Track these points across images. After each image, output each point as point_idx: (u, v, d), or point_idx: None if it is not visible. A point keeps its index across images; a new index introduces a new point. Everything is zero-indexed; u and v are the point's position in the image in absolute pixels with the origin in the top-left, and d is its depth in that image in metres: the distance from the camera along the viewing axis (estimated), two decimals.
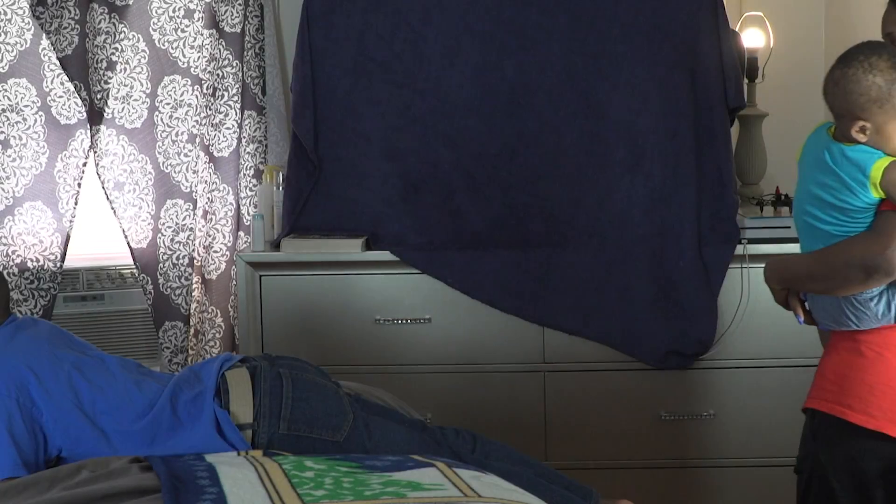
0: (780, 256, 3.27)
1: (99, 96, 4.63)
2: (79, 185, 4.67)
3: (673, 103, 4.61)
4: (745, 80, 4.72)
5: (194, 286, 4.76)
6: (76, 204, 4.67)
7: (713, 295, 4.51)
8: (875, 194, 2.83)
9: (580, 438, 4.56)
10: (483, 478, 2.58)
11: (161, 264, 4.72)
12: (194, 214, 4.75)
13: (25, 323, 3.11)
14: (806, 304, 3.04)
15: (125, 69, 4.67)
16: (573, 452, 4.55)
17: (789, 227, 4.46)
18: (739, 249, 4.50)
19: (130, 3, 4.64)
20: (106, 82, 4.64)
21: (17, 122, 4.60)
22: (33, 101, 4.62)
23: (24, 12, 4.57)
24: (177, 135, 4.72)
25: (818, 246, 2.95)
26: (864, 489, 2.95)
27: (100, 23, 4.61)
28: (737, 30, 4.76)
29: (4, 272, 4.59)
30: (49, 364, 2.97)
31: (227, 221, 4.81)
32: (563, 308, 4.51)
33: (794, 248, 4.40)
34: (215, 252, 4.81)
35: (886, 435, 2.88)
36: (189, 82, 4.72)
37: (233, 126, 4.78)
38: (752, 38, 4.80)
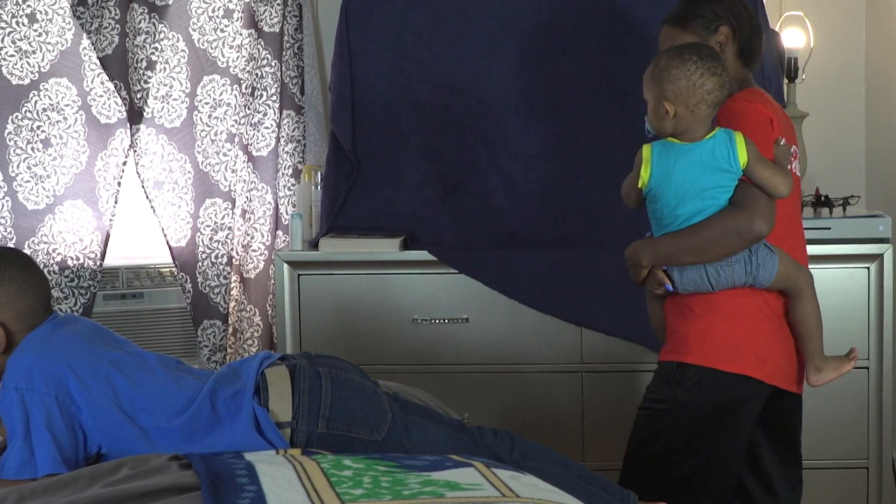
0: (643, 240, 3.48)
1: (139, 96, 4.65)
2: (119, 183, 4.69)
3: None
4: (785, 81, 4.70)
5: (233, 285, 4.77)
6: (116, 203, 4.69)
7: None
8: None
9: (617, 439, 4.54)
10: (521, 478, 2.58)
11: (200, 263, 4.74)
12: (233, 213, 4.76)
13: (66, 320, 3.12)
14: (670, 275, 3.40)
15: (165, 69, 4.69)
16: (610, 453, 4.53)
17: (829, 229, 4.45)
18: None
19: (170, 2, 4.66)
20: (146, 82, 4.66)
21: (57, 122, 4.63)
22: (74, 101, 4.64)
23: (65, 12, 4.59)
24: (216, 134, 4.74)
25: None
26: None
27: (140, 22, 4.63)
28: (777, 30, 4.74)
29: (45, 270, 4.61)
30: (88, 361, 2.98)
31: (266, 220, 4.83)
32: (601, 308, 4.50)
33: (834, 248, 4.41)
34: (254, 251, 4.83)
35: (753, 378, 3.41)
36: (228, 82, 4.73)
37: (271, 125, 4.79)
38: (793, 37, 4.78)
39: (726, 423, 3.45)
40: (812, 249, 4.44)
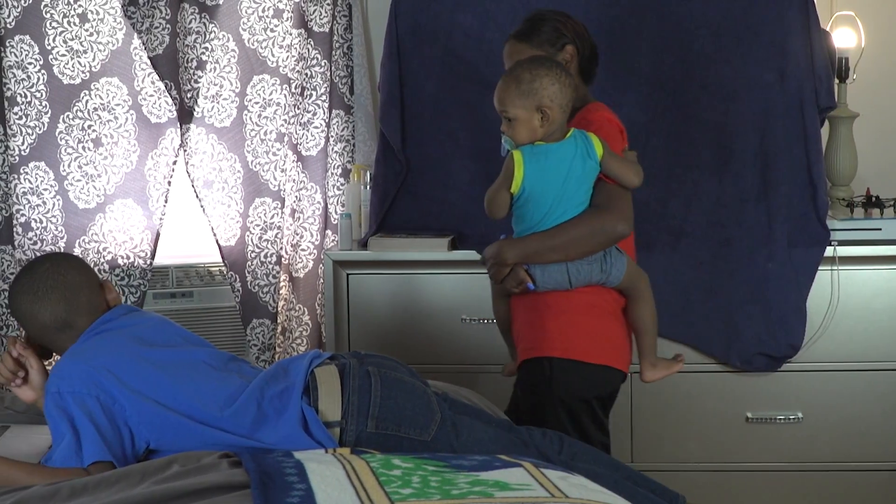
0: (506, 240, 3.56)
1: (189, 95, 4.67)
2: (169, 183, 4.71)
3: (762, 104, 4.58)
4: (836, 81, 4.67)
5: (282, 284, 4.78)
6: (166, 202, 4.71)
7: (802, 297, 4.47)
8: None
9: (666, 440, 4.54)
10: (570, 478, 2.57)
11: (249, 262, 4.75)
12: (282, 213, 4.77)
13: (113, 318, 3.14)
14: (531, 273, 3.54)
15: (215, 68, 4.70)
16: (659, 454, 4.53)
17: (880, 230, 4.42)
18: (829, 251, 4.46)
19: (221, 2, 4.67)
20: (196, 81, 4.68)
21: (108, 121, 4.65)
22: (124, 100, 4.66)
23: (116, 12, 4.62)
24: (265, 133, 4.75)
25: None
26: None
27: (190, 22, 4.65)
28: (827, 29, 4.71)
29: (96, 269, 4.64)
30: (128, 363, 3.00)
31: (315, 220, 4.84)
32: None
33: (885, 249, 4.39)
34: (303, 250, 4.84)
35: (616, 368, 3.62)
36: (278, 81, 4.74)
37: (321, 125, 4.80)
38: (843, 37, 4.74)
39: (597, 411, 3.62)
40: (862, 250, 4.44)
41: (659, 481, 3.22)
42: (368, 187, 4.67)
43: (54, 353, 3.22)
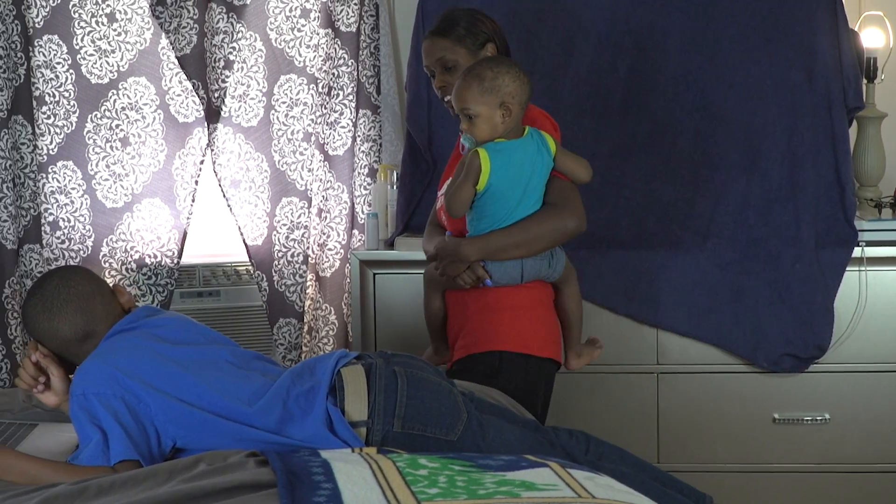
0: (465, 238, 3.61)
1: (216, 95, 4.68)
2: (196, 182, 4.72)
3: (790, 104, 4.57)
4: (864, 81, 4.65)
5: (308, 283, 4.79)
6: (193, 201, 4.72)
7: (830, 298, 4.45)
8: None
9: (693, 441, 4.53)
10: (597, 479, 2.56)
11: (276, 261, 4.76)
12: (309, 212, 4.78)
13: (135, 321, 3.15)
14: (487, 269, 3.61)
15: (242, 68, 4.71)
16: (686, 455, 4.52)
17: None
18: (857, 252, 4.44)
19: (248, 2, 4.68)
20: (223, 81, 4.69)
21: (136, 120, 4.67)
22: (152, 100, 4.68)
23: (144, 12, 4.63)
24: (292, 133, 4.76)
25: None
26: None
27: (218, 22, 4.66)
28: (856, 29, 4.69)
29: (123, 268, 4.66)
30: (151, 363, 3.00)
31: (342, 220, 4.84)
32: (677, 309, 4.48)
33: None
34: (329, 250, 4.85)
35: (556, 360, 3.75)
36: (305, 81, 4.75)
37: (347, 125, 4.80)
38: (872, 37, 4.73)
39: (538, 403, 3.70)
40: (891, 251, 4.44)
41: (685, 482, 3.21)
42: (395, 187, 4.67)
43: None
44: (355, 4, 4.76)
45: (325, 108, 4.77)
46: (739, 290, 4.49)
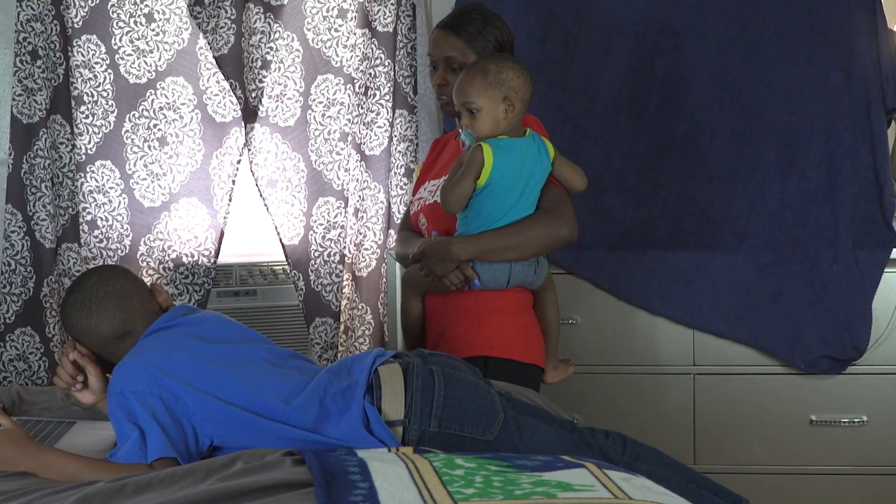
0: (456, 237, 3.60)
1: (253, 95, 4.69)
2: (233, 182, 4.73)
3: (828, 104, 4.56)
4: None
5: (345, 283, 4.80)
6: (230, 201, 4.73)
7: (867, 299, 4.44)
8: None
9: (730, 443, 4.52)
10: (633, 480, 2.56)
11: (312, 261, 4.77)
12: (346, 212, 4.79)
13: (172, 319, 3.16)
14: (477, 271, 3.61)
15: (279, 68, 4.72)
16: (722, 457, 4.51)
17: None
18: (895, 253, 4.43)
19: (285, 2, 4.69)
20: (260, 81, 4.70)
21: (173, 120, 4.68)
22: (190, 100, 4.69)
23: (182, 12, 4.65)
24: (329, 133, 4.76)
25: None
26: None
27: (255, 22, 4.67)
28: (895, 29, 4.67)
29: (160, 267, 4.67)
30: (188, 361, 3.01)
31: (378, 219, 4.84)
32: (713, 310, 4.47)
33: None
34: (366, 249, 4.85)
35: (538, 366, 3.75)
36: (342, 81, 4.76)
37: (384, 125, 4.81)
38: None
39: None
40: None
41: (722, 484, 3.20)
42: None
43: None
44: (392, 4, 4.76)
45: (362, 108, 4.78)
46: (776, 291, 4.48)
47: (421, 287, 3.73)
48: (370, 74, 4.79)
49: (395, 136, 4.83)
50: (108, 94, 4.63)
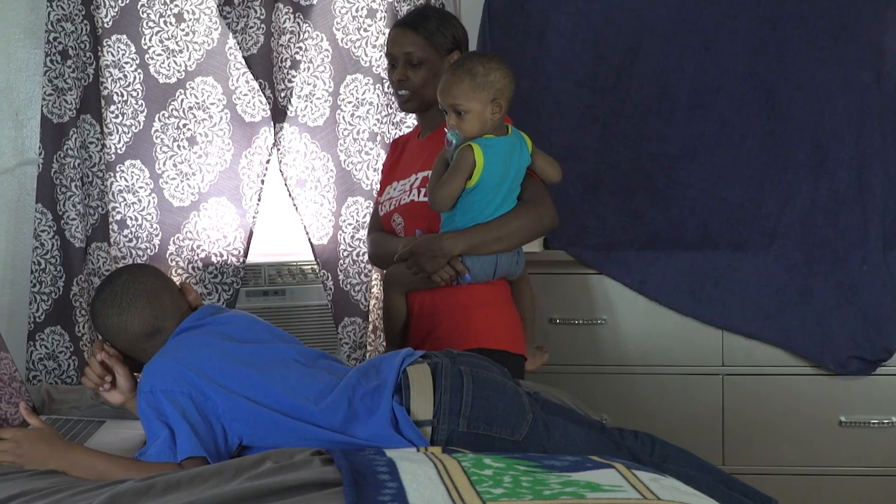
0: (446, 233, 3.66)
1: (283, 94, 4.70)
2: (262, 181, 4.74)
3: (858, 104, 4.54)
4: None
5: (373, 283, 4.80)
6: (259, 200, 4.74)
7: None
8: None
9: (759, 443, 4.51)
10: (662, 480, 2.56)
11: (341, 261, 4.77)
12: None
13: (202, 318, 3.17)
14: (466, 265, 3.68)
15: (308, 68, 4.73)
16: (751, 457, 4.50)
17: None
18: None
19: (315, 2, 4.70)
20: (290, 81, 4.71)
21: (203, 120, 4.69)
22: (219, 99, 4.70)
23: (212, 12, 4.66)
24: (358, 133, 4.77)
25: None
26: None
27: (284, 22, 4.68)
28: None
29: (189, 266, 4.69)
30: (219, 360, 3.02)
31: None
32: (743, 311, 4.46)
33: None
34: None
35: (523, 356, 3.83)
36: (371, 81, 4.76)
37: (413, 125, 4.80)
38: None
39: None
40: None
41: (750, 484, 3.19)
42: None
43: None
44: (422, 4, 4.76)
45: (391, 108, 4.78)
46: (806, 291, 4.46)
47: (405, 285, 3.79)
48: None
49: None
50: (137, 94, 4.64)
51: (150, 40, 4.63)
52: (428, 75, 3.84)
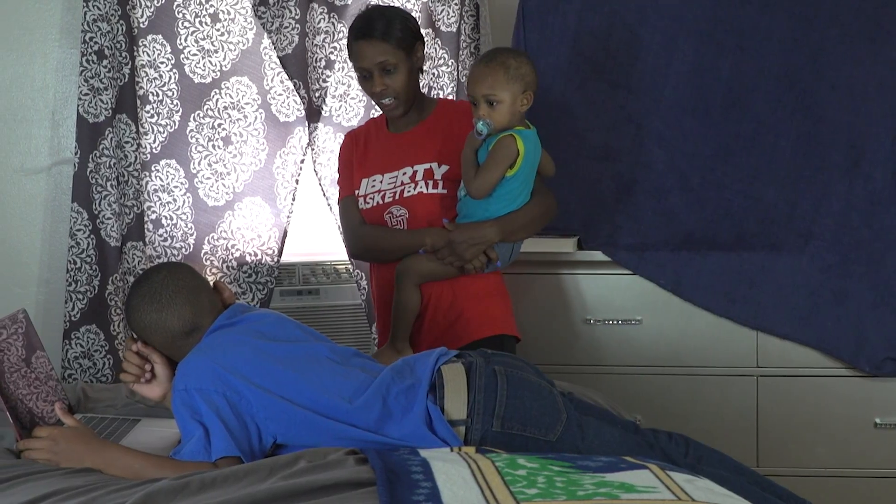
0: (480, 222, 3.78)
1: (317, 94, 4.71)
2: (296, 181, 4.75)
3: (893, 105, 4.52)
4: None
5: None
6: (293, 200, 4.75)
7: None
8: None
9: (793, 445, 4.49)
10: (696, 482, 2.55)
11: None
12: None
13: (234, 316, 3.17)
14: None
15: (343, 68, 4.73)
16: (785, 459, 4.48)
17: None
18: None
19: (349, 2, 4.70)
20: (324, 81, 4.72)
21: (238, 120, 4.71)
22: (254, 99, 4.72)
23: (247, 12, 4.67)
24: None
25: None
26: None
27: (319, 22, 4.69)
28: None
29: (224, 266, 4.70)
30: (253, 358, 3.03)
31: None
32: (777, 312, 4.44)
33: None
34: None
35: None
36: None
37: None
38: None
39: None
40: None
41: (785, 486, 3.18)
42: None
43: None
44: (456, 4, 4.76)
45: None
46: (841, 292, 4.44)
47: (422, 276, 3.86)
48: (433, 74, 4.79)
49: None
50: (173, 94, 4.66)
51: (185, 40, 4.64)
52: (404, 76, 3.89)
